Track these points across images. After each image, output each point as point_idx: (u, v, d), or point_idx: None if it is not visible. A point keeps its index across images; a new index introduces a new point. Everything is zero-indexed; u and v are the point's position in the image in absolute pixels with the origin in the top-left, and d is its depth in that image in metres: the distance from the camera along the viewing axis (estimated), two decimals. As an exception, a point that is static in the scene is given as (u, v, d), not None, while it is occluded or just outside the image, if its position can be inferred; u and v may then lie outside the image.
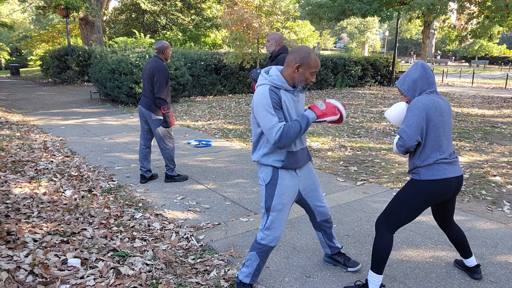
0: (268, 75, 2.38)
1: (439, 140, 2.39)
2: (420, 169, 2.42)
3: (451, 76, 27.81)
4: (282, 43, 4.59)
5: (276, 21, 13.29)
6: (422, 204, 2.43)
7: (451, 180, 2.41)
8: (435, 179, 2.37)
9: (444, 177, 2.38)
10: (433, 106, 2.37)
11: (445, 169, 2.39)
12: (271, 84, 2.33)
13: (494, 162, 5.78)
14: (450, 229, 2.74)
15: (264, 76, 2.38)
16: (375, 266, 2.50)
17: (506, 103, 12.95)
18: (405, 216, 2.46)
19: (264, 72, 2.41)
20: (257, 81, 2.34)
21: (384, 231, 2.49)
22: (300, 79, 2.35)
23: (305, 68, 2.33)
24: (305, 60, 2.31)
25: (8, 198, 3.98)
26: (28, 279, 2.59)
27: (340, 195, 4.39)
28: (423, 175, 2.40)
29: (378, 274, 2.49)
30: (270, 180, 2.43)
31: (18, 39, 39.22)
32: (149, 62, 4.56)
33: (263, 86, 2.34)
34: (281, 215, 2.44)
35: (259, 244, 2.47)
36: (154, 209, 3.96)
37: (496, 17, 13.36)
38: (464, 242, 2.73)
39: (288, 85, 2.35)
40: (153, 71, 4.45)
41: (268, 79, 2.35)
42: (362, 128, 8.39)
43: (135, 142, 6.93)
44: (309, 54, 2.32)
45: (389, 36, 57.64)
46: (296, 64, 2.32)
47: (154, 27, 27.69)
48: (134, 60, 10.82)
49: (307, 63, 2.32)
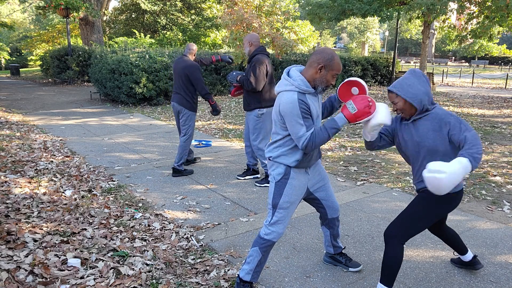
0: (292, 79, 2.35)
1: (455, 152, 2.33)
2: None
3: (451, 76, 27.82)
4: (257, 43, 4.48)
5: (276, 21, 13.29)
6: (440, 215, 2.37)
7: (461, 192, 2.41)
8: (455, 191, 2.34)
9: (460, 188, 2.36)
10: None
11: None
12: (298, 90, 2.32)
13: (494, 162, 5.78)
14: (443, 232, 2.72)
15: (288, 81, 2.34)
16: (387, 280, 2.36)
17: (506, 103, 12.95)
18: (421, 229, 2.38)
19: (286, 75, 2.38)
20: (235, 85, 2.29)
21: (397, 244, 2.34)
22: (321, 80, 2.36)
23: (328, 70, 2.34)
24: (328, 62, 2.32)
25: (8, 198, 3.98)
26: (28, 279, 2.59)
27: (340, 195, 4.39)
28: None
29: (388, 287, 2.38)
30: (280, 179, 2.46)
31: (18, 39, 39.22)
32: (180, 62, 4.95)
33: (291, 93, 2.31)
34: (287, 213, 2.47)
35: (262, 239, 2.49)
36: (154, 209, 3.96)
37: (496, 17, 13.35)
38: (459, 240, 2.73)
39: (311, 88, 2.36)
40: (187, 70, 4.84)
41: (294, 85, 2.32)
42: (362, 128, 8.39)
43: (135, 142, 6.93)
44: (332, 57, 2.33)
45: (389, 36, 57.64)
46: (319, 65, 2.32)
47: (154, 27, 27.68)
48: (134, 60, 10.82)
49: (331, 65, 2.33)
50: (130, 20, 28.43)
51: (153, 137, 7.33)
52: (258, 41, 4.50)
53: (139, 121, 9.09)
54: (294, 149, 2.43)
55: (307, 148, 2.33)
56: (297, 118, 2.29)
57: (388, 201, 4.23)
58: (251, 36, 4.48)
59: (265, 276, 2.79)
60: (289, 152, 2.43)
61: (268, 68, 4.42)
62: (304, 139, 2.30)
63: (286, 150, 2.43)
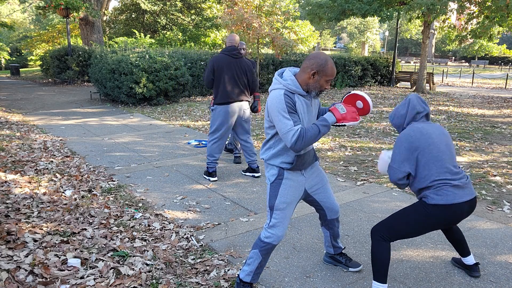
0: (282, 78, 2.37)
1: (437, 162, 2.33)
2: (428, 193, 2.34)
3: (451, 76, 27.82)
4: (228, 43, 4.72)
5: (276, 21, 13.29)
6: (428, 228, 2.37)
7: (462, 205, 2.33)
8: (445, 204, 2.29)
9: (455, 202, 2.29)
10: (417, 133, 2.36)
11: (454, 194, 2.31)
12: (285, 88, 2.33)
13: (494, 162, 5.78)
14: (449, 229, 2.74)
15: (278, 80, 2.37)
16: (377, 276, 2.43)
17: (506, 103, 12.95)
18: (406, 234, 2.41)
19: (277, 75, 2.40)
20: None
21: (379, 238, 2.43)
22: (314, 85, 2.35)
23: (321, 76, 2.32)
24: (321, 67, 2.31)
25: (8, 198, 3.98)
26: (28, 279, 2.59)
27: (340, 195, 4.39)
28: (431, 199, 2.32)
29: (382, 283, 2.43)
30: (275, 180, 2.46)
31: (18, 39, 39.22)
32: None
33: (278, 90, 2.34)
34: (285, 214, 2.46)
35: (262, 242, 2.48)
36: (154, 209, 3.96)
37: (496, 17, 13.34)
38: (463, 241, 2.73)
39: (302, 90, 2.35)
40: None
41: (282, 83, 2.34)
42: (362, 128, 8.39)
43: (135, 142, 6.93)
44: (326, 62, 2.31)
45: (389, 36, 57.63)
46: (312, 70, 2.31)
47: (154, 27, 27.69)
48: (134, 60, 10.82)
49: (324, 70, 2.31)
50: (130, 20, 28.43)
51: (153, 137, 7.33)
52: (230, 42, 4.72)
53: (139, 121, 9.09)
54: (285, 150, 2.42)
55: (297, 144, 2.26)
56: (282, 113, 2.27)
57: (388, 201, 4.23)
58: (228, 37, 4.76)
59: (265, 276, 2.79)
60: (280, 153, 2.43)
61: (216, 67, 4.63)
62: (292, 134, 2.25)
63: (278, 151, 2.43)
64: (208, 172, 4.89)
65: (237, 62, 4.69)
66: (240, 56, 4.72)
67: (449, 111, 11.01)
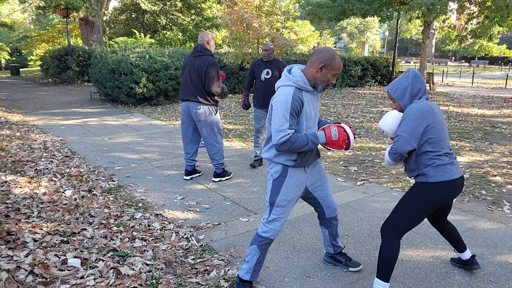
0: (291, 75, 2.38)
1: (441, 142, 2.39)
2: (426, 171, 2.39)
3: (451, 76, 27.82)
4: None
5: (276, 21, 13.29)
6: (431, 207, 2.41)
7: (457, 181, 2.42)
8: (443, 180, 2.37)
9: (452, 178, 2.38)
10: (429, 110, 2.38)
11: (450, 171, 2.39)
12: (295, 85, 2.34)
13: (494, 162, 5.77)
14: (444, 227, 2.76)
15: (287, 76, 2.38)
16: (383, 274, 2.43)
17: (506, 103, 12.95)
18: (413, 221, 2.43)
19: (286, 71, 2.42)
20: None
21: (392, 237, 2.44)
22: (322, 79, 2.38)
23: (329, 70, 2.36)
24: (329, 61, 2.35)
25: (8, 198, 3.98)
26: (28, 279, 2.59)
27: (340, 195, 4.39)
28: (431, 177, 2.38)
29: (385, 282, 2.43)
30: (278, 177, 2.47)
31: (18, 39, 39.23)
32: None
33: (288, 87, 2.35)
34: (284, 211, 2.48)
35: (260, 237, 2.50)
36: (154, 209, 3.96)
37: (496, 17, 13.35)
38: (458, 236, 2.76)
39: (309, 85, 2.38)
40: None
41: (292, 80, 2.35)
42: (362, 128, 8.39)
43: (135, 142, 6.93)
44: (333, 56, 2.35)
45: (389, 36, 57.62)
46: (320, 64, 2.34)
47: (154, 27, 27.70)
48: (134, 60, 10.82)
49: (331, 64, 2.35)
50: (130, 20, 28.44)
51: (153, 137, 7.33)
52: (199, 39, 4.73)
53: (139, 121, 9.09)
54: None
55: (282, 146, 2.31)
56: (284, 112, 2.30)
57: (388, 201, 4.23)
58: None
59: (265, 276, 2.79)
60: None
61: (182, 66, 4.79)
62: (283, 135, 2.29)
63: None
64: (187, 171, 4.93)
65: (193, 61, 4.57)
66: (197, 55, 4.52)
67: (449, 111, 11.02)
